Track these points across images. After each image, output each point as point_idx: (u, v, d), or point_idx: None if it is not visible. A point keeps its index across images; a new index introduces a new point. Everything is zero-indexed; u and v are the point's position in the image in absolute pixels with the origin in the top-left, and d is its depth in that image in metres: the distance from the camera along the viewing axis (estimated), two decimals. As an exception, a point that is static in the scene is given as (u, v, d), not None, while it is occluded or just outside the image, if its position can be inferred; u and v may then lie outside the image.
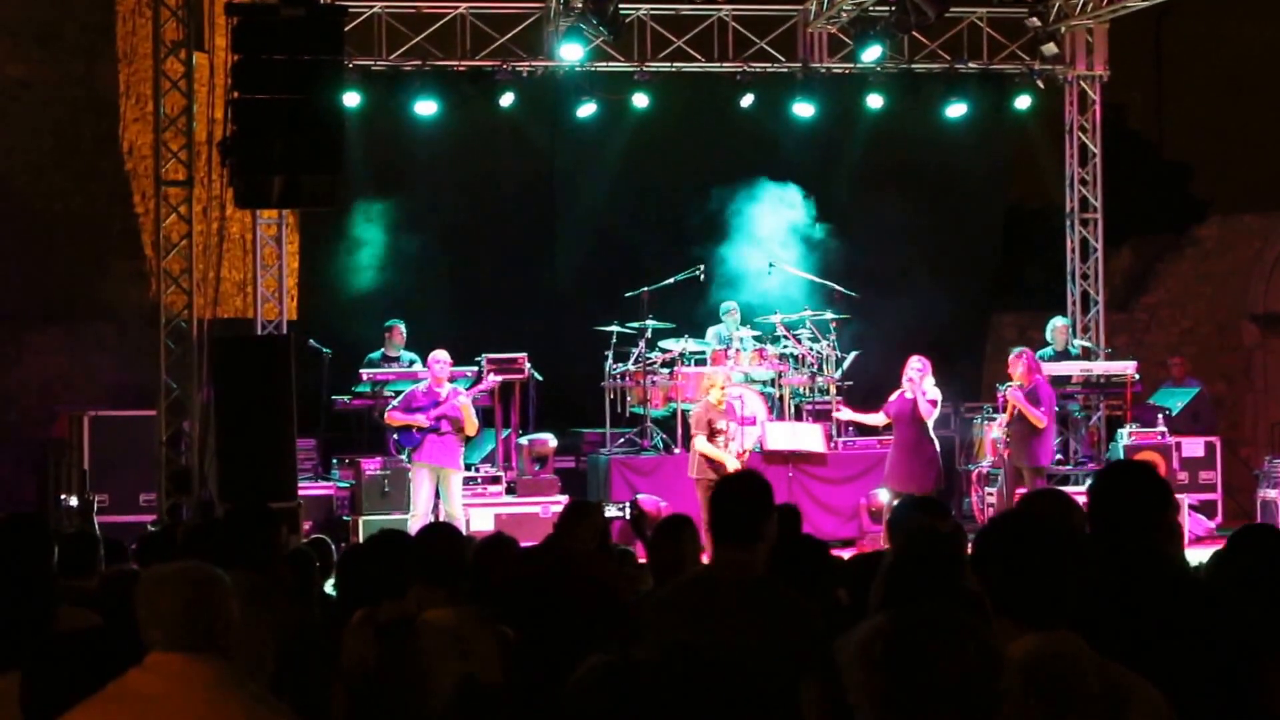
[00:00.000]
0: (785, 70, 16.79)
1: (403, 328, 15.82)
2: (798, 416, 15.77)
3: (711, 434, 13.81)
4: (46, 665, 4.58)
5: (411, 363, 15.45)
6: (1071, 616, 3.37)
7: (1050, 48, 16.65)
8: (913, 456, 13.67)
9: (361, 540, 12.74)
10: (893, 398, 13.88)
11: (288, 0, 12.10)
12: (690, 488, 13.62)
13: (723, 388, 14.05)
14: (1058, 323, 16.54)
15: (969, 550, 4.99)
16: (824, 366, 15.90)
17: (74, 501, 14.35)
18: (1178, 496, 14.30)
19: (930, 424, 13.74)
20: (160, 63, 14.11)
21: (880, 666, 2.79)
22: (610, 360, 15.73)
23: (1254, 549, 4.37)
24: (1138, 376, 15.99)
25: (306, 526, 12.83)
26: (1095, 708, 3.19)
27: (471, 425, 13.83)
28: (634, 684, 3.61)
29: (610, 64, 16.45)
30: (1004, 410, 14.14)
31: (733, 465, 13.41)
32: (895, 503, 10.91)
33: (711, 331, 16.10)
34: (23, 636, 4.92)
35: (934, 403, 13.67)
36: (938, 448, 13.82)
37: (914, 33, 16.17)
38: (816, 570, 6.06)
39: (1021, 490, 13.45)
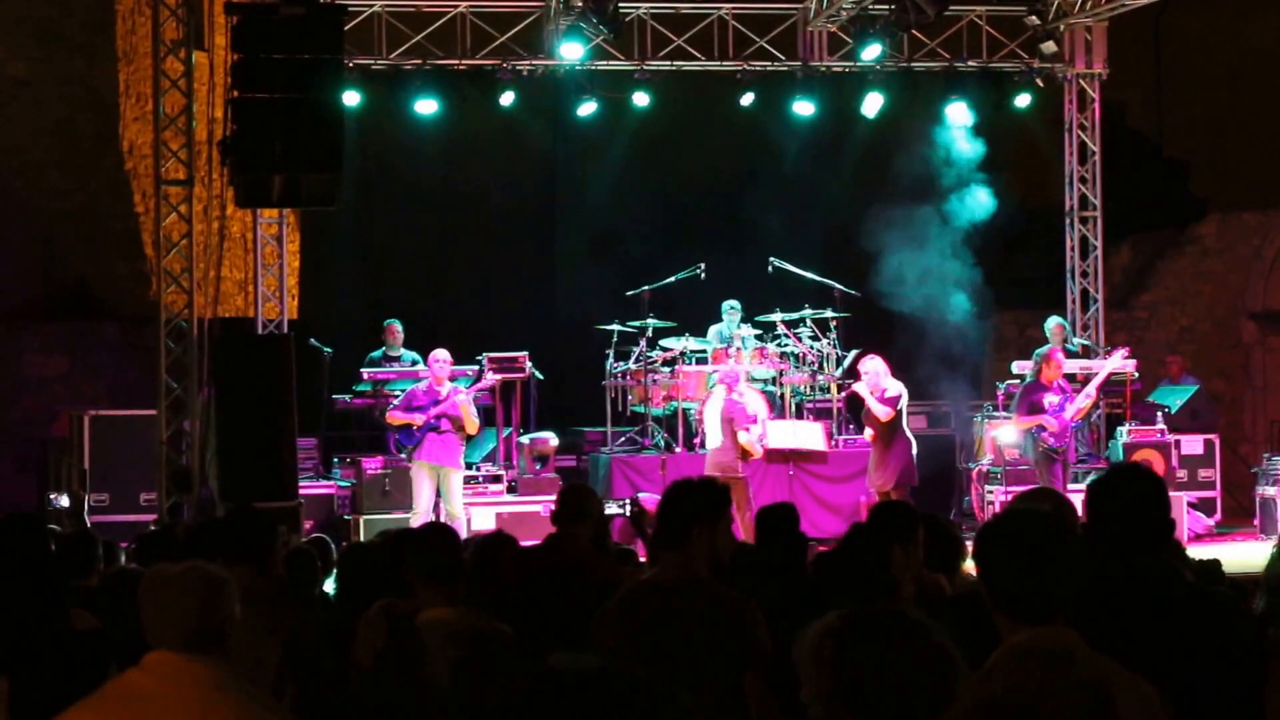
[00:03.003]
0: (785, 69, 16.80)
1: (399, 326, 15.84)
2: (798, 415, 15.79)
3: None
4: (35, 668, 4.57)
5: (414, 362, 15.46)
6: (1068, 613, 3.38)
7: (1049, 46, 16.65)
8: (876, 457, 13.69)
9: (363, 539, 12.77)
10: None
11: (287, 0, 12.11)
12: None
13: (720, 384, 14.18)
14: (1053, 322, 16.54)
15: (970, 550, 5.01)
16: (824, 365, 15.92)
17: (65, 501, 14.36)
18: (1177, 494, 14.32)
19: (900, 420, 13.54)
20: (160, 62, 14.11)
21: (829, 664, 2.82)
22: (611, 359, 15.75)
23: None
24: (1137, 374, 16.00)
25: (307, 526, 12.84)
26: (1082, 701, 3.21)
27: (471, 424, 13.85)
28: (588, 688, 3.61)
29: (610, 63, 16.45)
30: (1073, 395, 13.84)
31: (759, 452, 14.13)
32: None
33: (712, 330, 16.12)
34: (20, 637, 4.91)
35: (890, 401, 13.51)
36: (907, 445, 13.55)
37: (913, 31, 16.17)
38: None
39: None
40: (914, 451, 13.65)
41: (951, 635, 3.04)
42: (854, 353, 15.86)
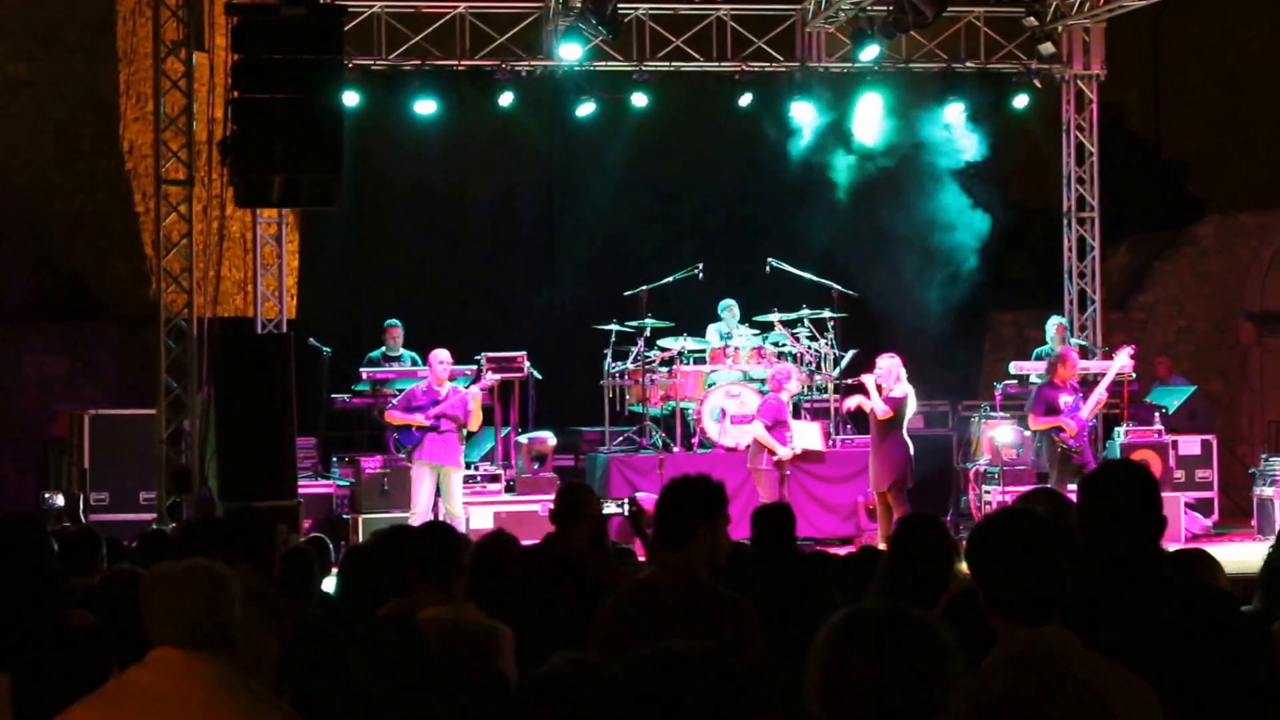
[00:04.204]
0: (783, 69, 16.85)
1: (400, 328, 15.85)
2: (796, 415, 15.82)
3: (775, 425, 14.01)
4: (37, 664, 4.60)
5: (413, 362, 15.50)
6: (1063, 613, 3.39)
7: (1047, 47, 16.67)
8: (873, 456, 13.88)
9: (361, 539, 12.81)
10: None
11: (288, 0, 12.15)
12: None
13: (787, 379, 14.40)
14: (1055, 321, 16.60)
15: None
16: (822, 365, 15.96)
17: (59, 500, 14.38)
18: (1174, 495, 14.34)
19: (897, 422, 13.66)
20: (160, 62, 14.15)
21: (826, 661, 2.85)
22: (609, 359, 15.79)
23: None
24: (1134, 375, 16.03)
25: (306, 525, 12.89)
26: (1079, 703, 3.18)
27: (476, 419, 13.91)
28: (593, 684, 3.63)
29: (609, 63, 16.49)
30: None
31: (786, 454, 14.06)
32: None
33: (710, 329, 16.16)
34: (20, 635, 4.93)
35: (891, 401, 13.64)
36: (904, 447, 13.68)
37: (912, 32, 16.20)
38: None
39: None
40: (911, 454, 13.73)
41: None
42: (851, 352, 15.92)
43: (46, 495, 14.74)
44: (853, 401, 14.38)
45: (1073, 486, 12.36)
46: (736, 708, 2.33)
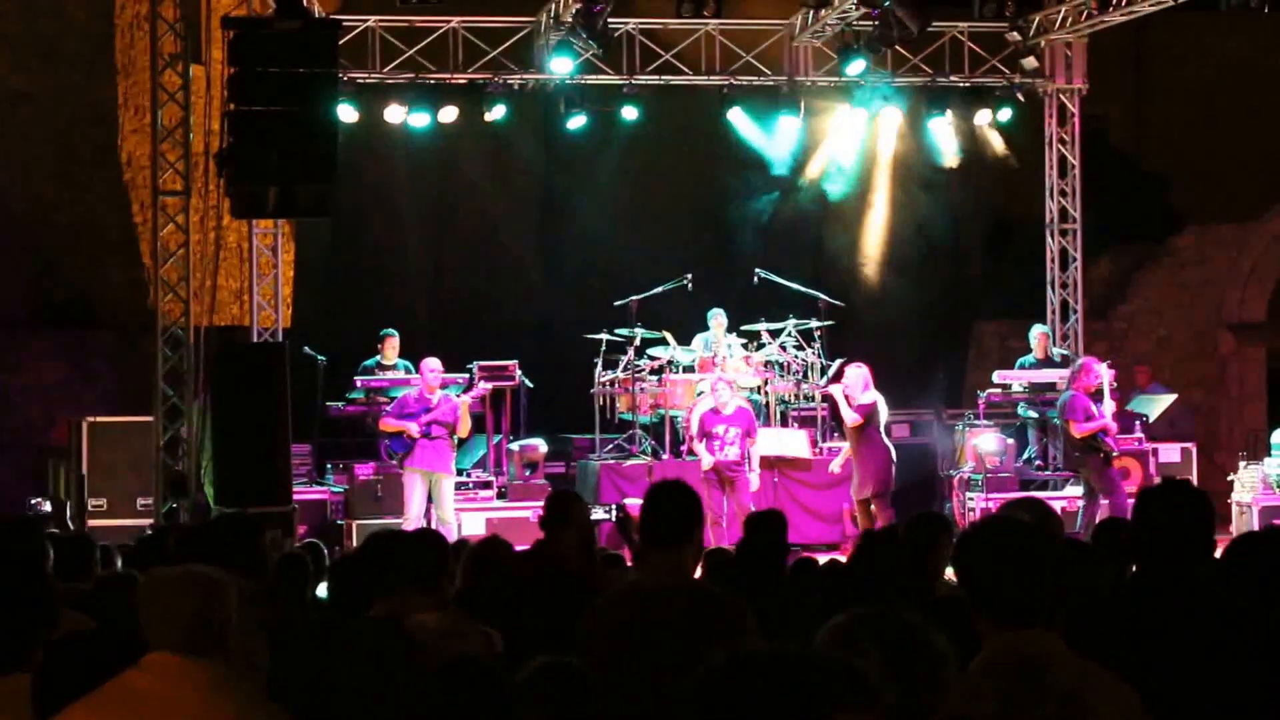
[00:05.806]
0: (771, 83, 17.06)
1: (396, 339, 15.96)
2: (783, 423, 16.03)
3: (704, 436, 14.18)
4: (58, 666, 4.77)
5: (407, 371, 15.66)
6: (1056, 617, 3.45)
7: (1030, 61, 16.89)
8: (855, 464, 14.09)
9: (355, 544, 13.01)
10: None
11: (283, 14, 12.35)
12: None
13: (710, 392, 14.41)
14: (1038, 330, 16.82)
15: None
16: (809, 374, 16.15)
17: (47, 506, 14.54)
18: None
19: (871, 428, 13.87)
20: (158, 75, 14.37)
21: None
22: (599, 367, 15.96)
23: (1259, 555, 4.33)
24: (1114, 384, 16.25)
25: (301, 530, 13.08)
26: (1059, 704, 3.26)
27: (466, 425, 14.12)
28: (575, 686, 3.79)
29: (600, 77, 16.68)
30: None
31: (708, 462, 14.07)
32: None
33: (698, 339, 16.33)
34: (20, 640, 5.10)
35: (860, 409, 13.87)
36: (884, 452, 13.92)
37: (897, 46, 16.42)
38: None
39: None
40: (891, 459, 13.95)
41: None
42: (838, 361, 16.13)
43: (34, 502, 14.88)
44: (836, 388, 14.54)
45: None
46: (843, 706, 2.30)
